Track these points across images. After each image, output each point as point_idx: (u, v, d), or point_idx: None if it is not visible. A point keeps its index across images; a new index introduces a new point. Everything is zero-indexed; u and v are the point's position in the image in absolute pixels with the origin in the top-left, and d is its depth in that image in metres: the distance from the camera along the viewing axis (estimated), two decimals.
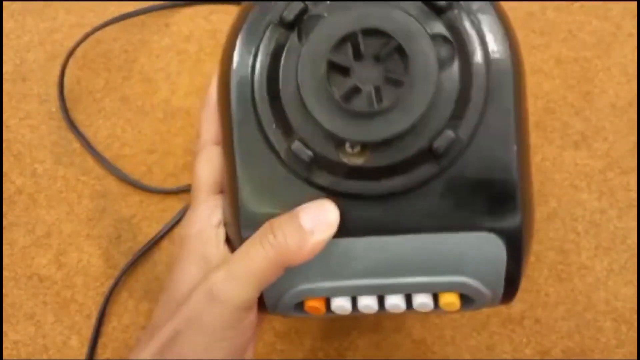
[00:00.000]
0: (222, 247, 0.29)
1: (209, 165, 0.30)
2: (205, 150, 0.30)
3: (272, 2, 0.27)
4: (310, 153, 0.25)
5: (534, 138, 0.48)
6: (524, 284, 0.43)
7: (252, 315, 0.28)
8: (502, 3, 0.53)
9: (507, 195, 0.26)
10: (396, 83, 0.25)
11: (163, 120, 0.49)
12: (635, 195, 0.46)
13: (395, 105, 0.25)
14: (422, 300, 0.28)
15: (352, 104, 0.25)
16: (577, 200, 0.46)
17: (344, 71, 0.25)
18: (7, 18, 0.53)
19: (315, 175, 0.26)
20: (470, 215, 0.26)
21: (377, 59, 0.25)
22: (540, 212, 0.45)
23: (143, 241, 0.45)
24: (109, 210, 0.46)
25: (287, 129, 0.26)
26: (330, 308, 0.29)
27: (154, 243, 0.45)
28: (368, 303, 0.28)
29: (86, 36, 0.50)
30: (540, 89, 0.49)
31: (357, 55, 0.25)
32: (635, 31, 0.51)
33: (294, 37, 0.26)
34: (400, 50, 0.25)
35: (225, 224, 0.29)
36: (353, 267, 0.27)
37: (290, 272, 0.27)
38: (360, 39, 0.25)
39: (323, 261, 0.27)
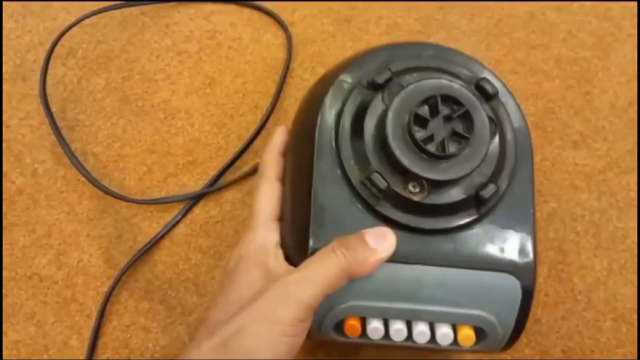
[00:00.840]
0: (282, 262, 0.33)
1: (270, 196, 0.35)
2: (269, 184, 0.35)
3: (359, 69, 0.35)
4: (385, 183, 0.31)
5: (534, 138, 0.47)
6: None
7: (310, 320, 0.31)
8: (502, 3, 0.54)
9: (525, 243, 0.32)
10: (461, 138, 0.31)
11: (163, 120, 0.49)
12: (635, 195, 0.46)
13: (458, 155, 0.31)
14: (444, 331, 0.32)
15: (427, 147, 0.31)
16: (576, 200, 0.46)
17: (422, 124, 0.32)
18: (7, 18, 0.53)
19: (380, 204, 0.32)
20: (495, 257, 0.32)
21: (447, 118, 0.32)
22: (540, 212, 0.45)
23: (143, 241, 0.45)
24: (109, 210, 0.46)
25: (362, 165, 0.32)
26: (365, 331, 0.32)
27: (154, 243, 0.45)
28: (399, 328, 0.32)
29: (78, 21, 0.50)
30: (540, 89, 0.49)
31: (432, 114, 0.32)
32: (635, 31, 0.51)
33: (378, 97, 0.33)
34: (466, 117, 0.32)
35: (282, 245, 0.34)
36: (393, 291, 0.32)
37: (337, 292, 0.31)
38: (439, 101, 0.32)
39: (366, 283, 0.31)
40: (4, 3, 0.54)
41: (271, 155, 0.37)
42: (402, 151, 0.31)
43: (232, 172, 0.48)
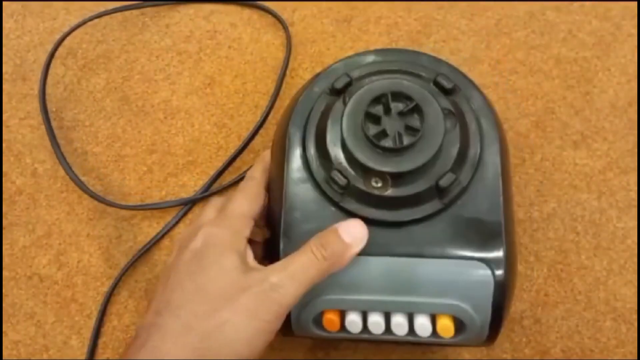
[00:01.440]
0: (252, 258, 0.33)
1: (253, 195, 0.36)
2: (253, 182, 0.37)
3: (323, 80, 0.37)
4: (345, 180, 0.33)
5: (534, 138, 0.48)
6: (523, 283, 0.43)
7: (285, 315, 0.32)
8: (502, 3, 0.54)
9: (494, 232, 0.33)
10: (414, 131, 0.33)
11: (163, 120, 0.49)
12: (634, 195, 0.46)
13: (412, 147, 0.32)
14: (422, 321, 0.33)
15: (382, 142, 0.33)
16: (576, 200, 0.46)
17: (376, 120, 0.33)
18: (7, 18, 0.53)
19: (345, 201, 0.33)
20: (465, 246, 0.33)
21: (400, 114, 0.34)
22: (540, 212, 0.45)
23: (143, 241, 0.45)
24: (109, 210, 0.46)
25: (327, 165, 0.34)
26: (344, 325, 0.33)
27: (154, 243, 0.45)
28: (376, 320, 0.33)
29: (78, 26, 0.50)
30: (540, 89, 0.49)
31: (386, 111, 0.34)
32: (635, 31, 0.51)
33: (339, 101, 0.35)
34: (418, 111, 0.33)
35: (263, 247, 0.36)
36: (366, 283, 0.33)
37: (314, 287, 0.32)
38: (390, 99, 0.33)
39: (341, 276, 0.32)
40: (4, 3, 0.54)
41: (261, 168, 0.38)
42: (358, 148, 0.33)
43: (232, 172, 0.48)
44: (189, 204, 0.46)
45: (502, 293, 0.32)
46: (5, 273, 0.45)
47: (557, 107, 0.49)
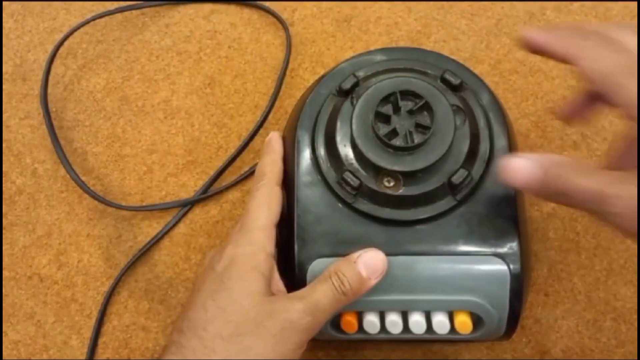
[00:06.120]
0: (278, 277, 0.33)
1: (269, 200, 0.34)
2: (268, 187, 0.35)
3: (329, 81, 0.37)
4: (357, 181, 0.33)
5: (534, 138, 0.48)
6: None
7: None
8: (502, 3, 0.53)
9: (508, 226, 0.33)
10: (424, 129, 0.33)
11: (163, 120, 0.49)
12: None
13: (424, 145, 0.32)
14: (440, 319, 0.33)
15: (392, 142, 0.32)
16: None
17: (386, 120, 0.33)
18: (7, 18, 0.53)
19: (358, 202, 0.33)
20: (479, 241, 0.33)
21: (410, 112, 0.34)
22: (540, 212, 0.45)
23: (143, 241, 0.45)
24: (109, 209, 0.46)
25: (338, 166, 0.34)
26: (362, 326, 0.34)
27: (154, 243, 0.45)
28: (394, 319, 0.33)
29: (79, 27, 0.50)
30: (540, 89, 0.49)
31: (396, 110, 0.34)
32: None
33: (347, 102, 0.35)
34: (427, 108, 0.33)
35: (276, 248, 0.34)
36: (383, 283, 0.32)
37: None
38: (398, 97, 0.33)
39: None
40: (4, 3, 0.54)
41: (270, 160, 0.36)
42: (369, 148, 0.33)
43: (232, 172, 0.48)
44: (189, 204, 0.46)
45: (518, 286, 0.32)
46: (5, 273, 0.45)
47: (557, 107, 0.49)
